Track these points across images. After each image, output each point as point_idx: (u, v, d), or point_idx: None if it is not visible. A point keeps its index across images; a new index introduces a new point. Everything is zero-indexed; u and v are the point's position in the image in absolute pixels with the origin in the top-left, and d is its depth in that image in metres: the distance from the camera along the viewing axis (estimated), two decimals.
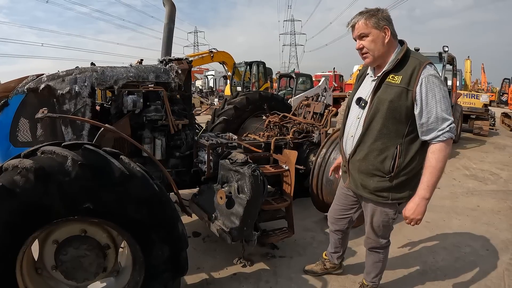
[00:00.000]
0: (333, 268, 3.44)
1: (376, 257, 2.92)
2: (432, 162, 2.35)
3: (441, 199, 5.98)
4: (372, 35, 2.42)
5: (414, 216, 2.42)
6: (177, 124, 3.69)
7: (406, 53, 2.41)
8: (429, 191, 2.38)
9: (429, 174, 2.36)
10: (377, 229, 2.76)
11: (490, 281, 3.50)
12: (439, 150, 2.34)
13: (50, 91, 3.21)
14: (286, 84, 19.08)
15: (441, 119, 2.30)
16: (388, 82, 2.41)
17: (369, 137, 2.50)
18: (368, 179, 2.58)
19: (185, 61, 3.87)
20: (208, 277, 3.41)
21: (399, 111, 2.37)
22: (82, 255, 2.32)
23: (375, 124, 2.46)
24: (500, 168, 8.41)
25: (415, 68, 2.33)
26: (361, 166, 2.59)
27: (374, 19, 2.39)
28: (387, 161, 2.46)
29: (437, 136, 2.33)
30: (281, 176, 3.82)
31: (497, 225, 4.94)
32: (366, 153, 2.53)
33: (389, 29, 2.40)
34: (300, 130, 4.92)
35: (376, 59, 2.49)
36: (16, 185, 1.95)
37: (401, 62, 2.39)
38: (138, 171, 2.24)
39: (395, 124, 2.41)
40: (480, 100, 13.62)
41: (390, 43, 2.44)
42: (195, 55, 16.66)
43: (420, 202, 2.40)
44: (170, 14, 4.46)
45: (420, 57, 2.41)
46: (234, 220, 3.06)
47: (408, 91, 2.33)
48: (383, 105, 2.40)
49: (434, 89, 2.29)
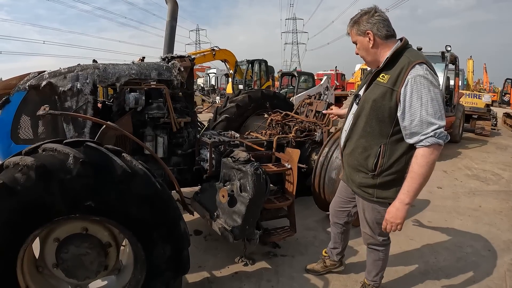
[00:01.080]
0: (333, 266, 3.44)
1: (376, 255, 2.92)
2: (414, 167, 2.28)
3: (443, 199, 5.97)
4: (358, 43, 2.50)
5: (393, 220, 2.37)
6: (179, 122, 3.68)
7: (397, 51, 2.36)
8: (408, 196, 2.31)
9: (410, 179, 2.29)
10: (373, 226, 2.76)
11: (491, 282, 3.48)
12: (422, 155, 2.24)
13: (51, 88, 3.20)
14: (288, 83, 19.07)
15: (426, 123, 2.20)
16: (377, 81, 2.42)
17: (355, 134, 2.57)
18: (355, 174, 2.65)
19: (188, 58, 3.85)
20: (210, 276, 3.40)
21: (382, 111, 2.36)
22: (83, 253, 2.30)
23: (360, 122, 2.52)
24: (502, 168, 8.38)
25: (403, 67, 2.27)
26: (349, 160, 2.68)
27: (356, 27, 2.45)
28: (370, 159, 2.49)
29: (420, 140, 2.23)
30: (284, 174, 3.81)
31: (499, 225, 4.93)
32: (352, 148, 2.61)
33: (372, 32, 2.38)
34: (302, 129, 4.90)
35: (369, 63, 2.57)
36: (17, 183, 1.93)
37: (392, 61, 2.37)
38: (140, 169, 2.23)
39: (378, 123, 2.41)
40: (482, 100, 13.59)
41: (378, 46, 2.43)
42: (197, 53, 16.64)
43: (399, 207, 2.34)
44: (173, 12, 4.44)
45: (412, 56, 2.32)
46: (236, 219, 3.06)
47: (393, 91, 2.29)
48: (367, 104, 2.44)
49: (421, 90, 2.20)
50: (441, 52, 9.60)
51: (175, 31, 4.49)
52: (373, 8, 2.42)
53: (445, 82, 10.05)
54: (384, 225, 2.45)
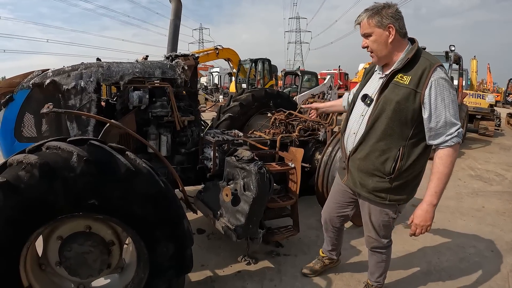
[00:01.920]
0: (332, 263, 3.45)
1: (379, 257, 2.90)
2: (440, 168, 2.29)
3: (446, 199, 5.95)
4: (375, 35, 2.37)
5: (423, 223, 2.36)
6: (183, 121, 3.67)
7: (416, 52, 2.34)
8: (436, 197, 2.32)
9: (437, 180, 2.30)
10: (378, 229, 2.73)
11: (494, 283, 3.47)
12: (447, 155, 2.27)
13: (55, 87, 3.21)
14: (291, 82, 19.06)
15: (450, 124, 2.24)
16: (396, 82, 2.35)
17: (372, 137, 2.45)
18: (367, 179, 2.55)
19: (191, 57, 3.85)
20: (213, 275, 3.40)
21: (405, 113, 2.31)
22: (86, 252, 2.30)
23: (379, 124, 2.41)
24: (505, 169, 8.36)
25: (425, 69, 2.25)
26: (361, 164, 2.56)
27: (377, 18, 2.32)
28: (388, 162, 2.41)
29: (445, 141, 2.26)
30: (287, 174, 3.80)
31: (502, 226, 4.91)
32: (367, 152, 2.49)
33: (394, 27, 2.30)
34: (306, 128, 4.90)
35: (381, 58, 2.45)
36: (20, 181, 1.93)
37: (411, 62, 2.31)
38: (144, 167, 2.22)
39: (400, 126, 2.35)
40: (485, 100, 13.54)
41: (396, 42, 2.36)
42: (200, 52, 16.65)
43: (428, 209, 2.34)
44: (176, 10, 4.44)
45: (431, 58, 2.33)
46: (239, 218, 3.05)
47: (416, 93, 2.26)
48: (390, 106, 2.34)
49: (444, 92, 2.22)
50: (445, 51, 9.58)
51: (178, 30, 4.49)
52: (394, 4, 2.35)
53: None
54: (413, 229, 2.42)
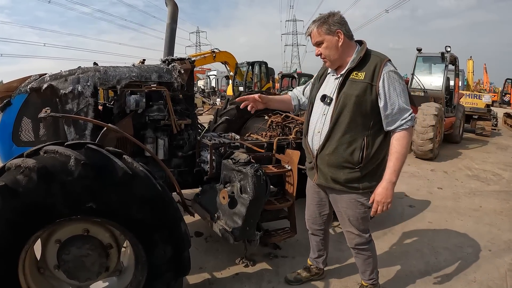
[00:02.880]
0: (317, 274, 3.40)
1: (365, 254, 2.95)
2: (397, 148, 2.51)
3: (443, 199, 5.98)
4: (326, 41, 2.60)
5: (384, 200, 2.53)
6: (180, 124, 3.68)
7: (367, 51, 2.59)
8: (395, 175, 2.52)
9: (395, 160, 2.51)
10: (357, 223, 2.81)
11: (492, 282, 3.49)
12: (403, 137, 2.51)
13: (52, 91, 3.21)
14: (288, 84, 19.08)
15: (403, 109, 2.50)
16: (352, 79, 2.56)
17: (338, 131, 2.61)
18: (338, 172, 2.68)
19: (188, 61, 3.86)
20: (210, 277, 3.41)
21: (365, 105, 2.52)
22: (84, 255, 2.32)
23: (343, 119, 2.58)
24: (502, 168, 8.40)
25: (377, 64, 2.51)
26: (330, 159, 2.68)
27: (325, 26, 2.55)
28: (356, 152, 2.58)
29: (401, 125, 2.50)
30: (284, 176, 3.81)
31: (500, 225, 4.94)
32: (335, 146, 2.63)
33: (342, 32, 2.54)
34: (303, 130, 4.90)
35: (334, 62, 2.66)
36: (19, 185, 1.95)
37: (363, 60, 2.56)
38: (141, 170, 2.24)
39: (362, 117, 2.55)
40: (482, 100, 13.61)
41: (346, 45, 2.60)
42: (197, 55, 16.69)
43: (388, 186, 2.52)
44: (173, 14, 4.45)
45: (380, 55, 2.59)
46: (236, 220, 3.06)
47: (372, 86, 2.49)
48: (350, 100, 2.53)
49: (395, 83, 2.49)
50: (441, 52, 9.62)
51: (175, 33, 4.51)
52: (338, 12, 2.62)
53: (445, 83, 10.06)
54: (374, 207, 2.58)
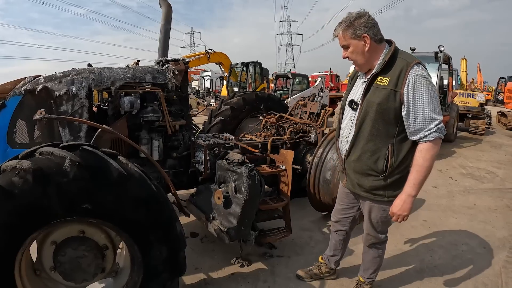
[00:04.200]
0: (327, 273, 3.40)
1: (375, 252, 2.96)
2: (419, 161, 2.38)
3: (438, 197, 6.01)
4: (352, 46, 2.49)
5: (400, 212, 2.47)
6: (174, 125, 3.69)
7: (393, 54, 2.44)
8: (415, 188, 2.42)
9: (416, 173, 2.40)
10: (376, 225, 2.80)
11: (487, 279, 3.52)
12: (427, 149, 2.37)
13: (47, 93, 3.21)
14: (282, 85, 19.08)
15: (429, 119, 2.33)
16: (376, 85, 2.46)
17: (361, 139, 2.56)
18: (363, 179, 2.64)
19: (182, 62, 3.87)
20: (206, 277, 3.42)
21: (388, 112, 2.42)
22: (80, 256, 2.32)
23: (365, 126, 2.52)
24: (496, 166, 8.45)
25: (402, 69, 2.36)
26: (356, 166, 2.65)
27: (351, 30, 2.43)
28: (380, 161, 2.51)
29: (425, 136, 2.36)
30: (278, 176, 3.83)
31: (494, 223, 4.97)
32: (359, 154, 2.59)
33: (369, 36, 2.41)
34: (297, 130, 4.92)
35: (362, 66, 2.57)
36: (14, 186, 1.95)
37: (388, 64, 2.42)
38: (136, 171, 2.25)
39: (385, 125, 2.46)
40: (476, 99, 13.65)
41: (373, 49, 2.47)
42: (191, 56, 16.67)
43: (406, 199, 2.44)
44: (167, 15, 4.46)
45: (407, 57, 2.43)
46: (231, 220, 3.07)
47: (396, 93, 2.36)
48: (372, 108, 2.45)
49: (422, 89, 2.31)
50: (434, 52, 9.66)
51: (169, 34, 4.51)
52: (366, 12, 2.46)
53: (439, 82, 10.10)
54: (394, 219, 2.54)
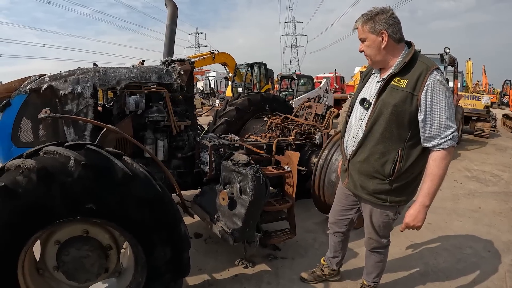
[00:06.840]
0: (331, 275, 3.38)
1: (378, 257, 2.92)
2: (433, 170, 2.32)
3: (442, 200, 5.97)
4: (368, 40, 2.42)
5: (414, 223, 2.41)
6: (179, 125, 3.69)
7: (413, 56, 2.37)
8: (429, 198, 2.37)
9: (430, 182, 2.34)
10: (378, 229, 2.75)
11: (492, 283, 3.49)
12: (441, 158, 2.31)
13: (52, 92, 3.22)
14: (287, 86, 19.10)
15: (444, 126, 2.27)
16: (393, 85, 2.37)
17: (371, 140, 2.48)
18: (367, 181, 2.57)
19: (187, 62, 3.87)
20: (210, 279, 3.40)
21: (403, 115, 2.34)
22: (84, 256, 2.31)
23: (377, 127, 2.43)
24: (501, 169, 8.40)
25: (422, 73, 2.29)
26: (361, 167, 2.58)
27: (370, 24, 2.36)
28: (388, 164, 2.44)
29: (439, 143, 2.29)
30: (283, 177, 3.82)
31: (499, 226, 4.94)
32: (367, 155, 2.51)
33: (387, 33, 2.34)
34: (302, 132, 4.91)
35: (375, 63, 2.51)
36: (18, 185, 1.94)
37: (407, 65, 2.34)
38: (140, 171, 2.24)
39: (398, 128, 2.38)
40: (481, 101, 13.58)
41: (390, 47, 2.40)
42: (196, 56, 16.67)
43: (420, 209, 2.39)
44: (172, 15, 4.46)
45: (427, 61, 2.36)
46: (236, 221, 3.06)
47: (413, 96, 2.29)
48: (387, 109, 2.37)
49: (440, 95, 2.25)
50: (440, 54, 9.62)
51: (175, 35, 4.51)
52: (390, 9, 2.38)
53: None
54: (402, 227, 2.49)
